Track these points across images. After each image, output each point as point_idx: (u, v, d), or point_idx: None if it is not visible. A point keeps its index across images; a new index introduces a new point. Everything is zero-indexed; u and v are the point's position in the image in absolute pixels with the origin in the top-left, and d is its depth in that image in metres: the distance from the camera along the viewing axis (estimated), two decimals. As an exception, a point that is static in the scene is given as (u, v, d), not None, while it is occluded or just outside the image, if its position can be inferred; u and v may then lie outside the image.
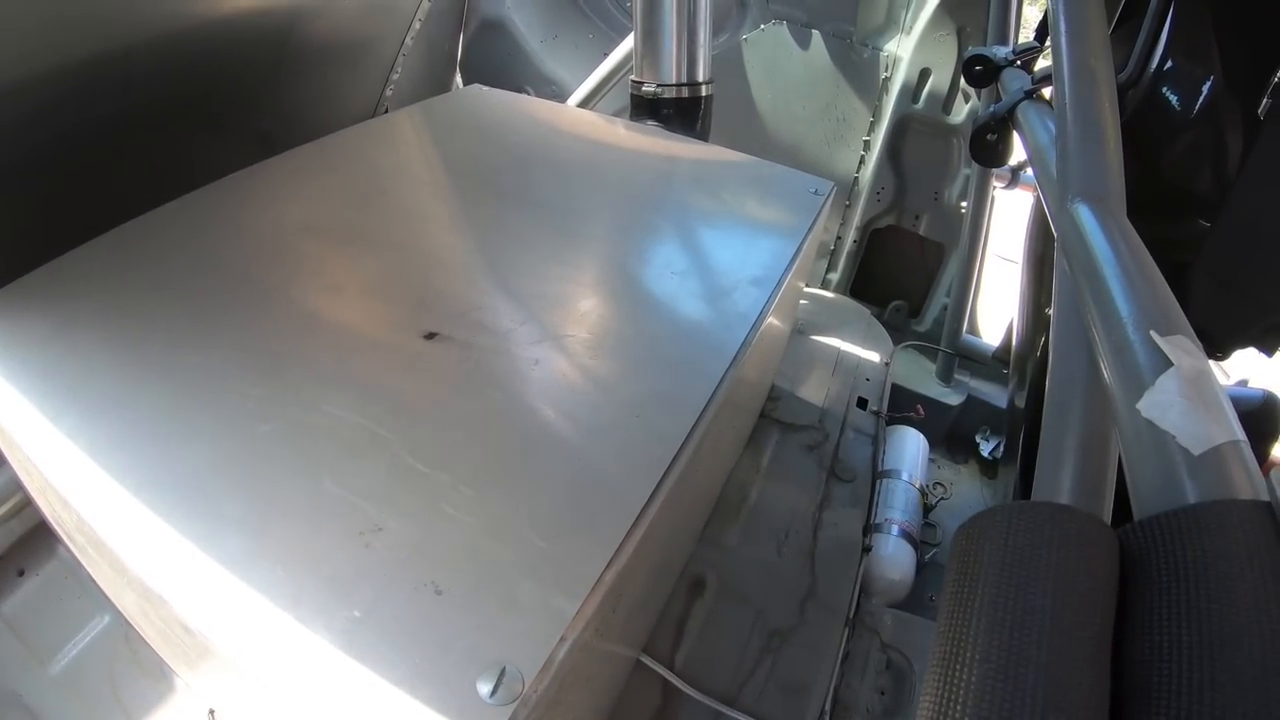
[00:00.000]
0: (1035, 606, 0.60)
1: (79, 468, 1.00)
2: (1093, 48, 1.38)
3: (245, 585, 0.84)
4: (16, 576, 1.76)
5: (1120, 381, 0.79)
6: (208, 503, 0.93)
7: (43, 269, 1.39)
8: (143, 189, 1.75)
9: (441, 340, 1.19)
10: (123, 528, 0.94)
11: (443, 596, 0.83)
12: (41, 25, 1.69)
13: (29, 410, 1.09)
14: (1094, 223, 1.09)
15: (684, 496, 1.13)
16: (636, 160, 1.96)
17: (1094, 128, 1.28)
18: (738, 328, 1.29)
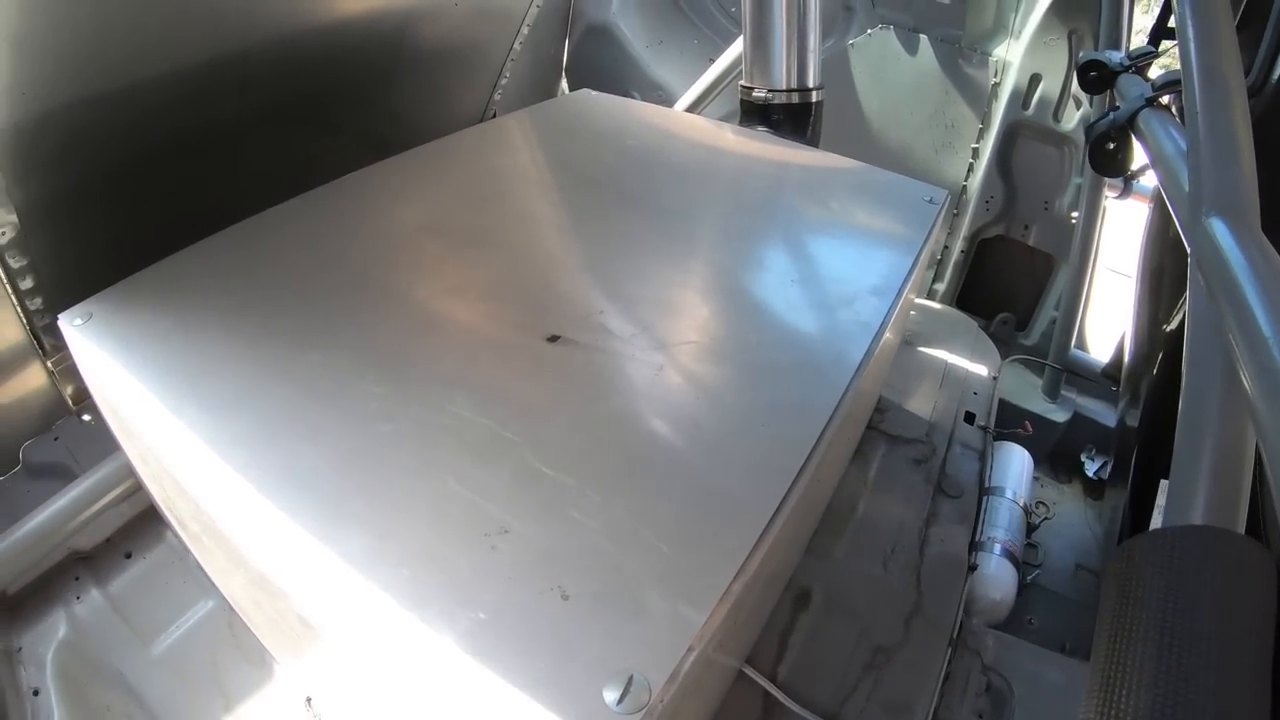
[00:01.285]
0: (1201, 632, 0.59)
1: (201, 460, 1.04)
2: (1223, 54, 1.33)
3: (369, 583, 0.85)
4: (124, 559, 1.85)
5: (1268, 403, 0.75)
6: (331, 500, 0.95)
7: (161, 264, 1.47)
8: (257, 189, 1.83)
9: (565, 343, 1.21)
10: (245, 520, 0.97)
11: (569, 601, 0.83)
12: (161, 26, 1.79)
13: (151, 402, 1.14)
14: (1231, 239, 1.05)
15: (805, 507, 1.11)
16: (749, 166, 1.97)
17: (1228, 139, 1.23)
18: (860, 338, 1.28)
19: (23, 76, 1.58)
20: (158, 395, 1.14)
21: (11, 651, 1.65)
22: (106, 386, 1.25)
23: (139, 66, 1.82)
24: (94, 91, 1.75)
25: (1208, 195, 1.18)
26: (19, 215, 1.78)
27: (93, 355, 1.27)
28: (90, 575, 1.81)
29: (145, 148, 1.97)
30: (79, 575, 1.81)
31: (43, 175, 1.78)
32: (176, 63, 1.89)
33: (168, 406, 1.12)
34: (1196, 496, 0.93)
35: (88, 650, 1.68)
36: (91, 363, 1.28)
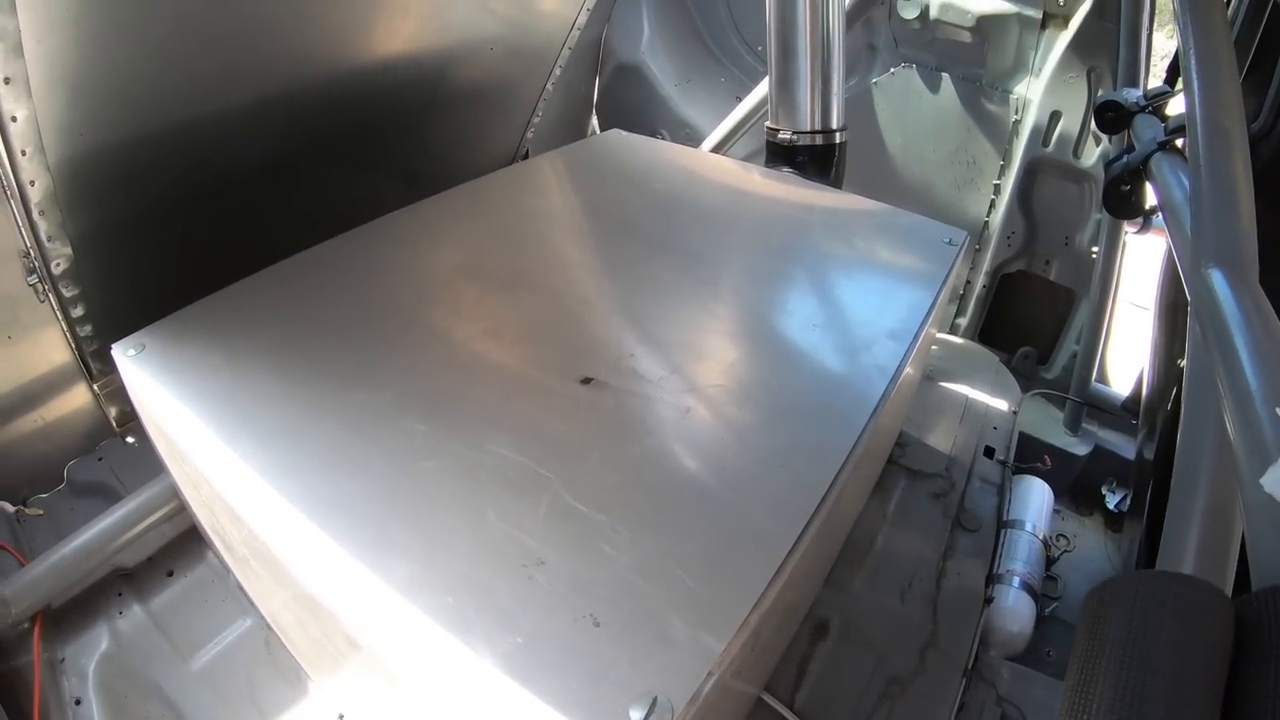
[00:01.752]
0: (1156, 669, 0.64)
1: (255, 488, 1.11)
2: (1226, 107, 1.37)
3: (414, 608, 0.92)
4: (165, 577, 1.92)
5: (1247, 454, 0.82)
6: (378, 530, 1.02)
7: (210, 299, 1.54)
8: (299, 222, 1.92)
9: (597, 385, 1.28)
10: (297, 546, 1.04)
11: (600, 629, 0.89)
12: (211, 70, 1.89)
13: (204, 432, 1.21)
14: (1227, 290, 1.10)
15: (826, 542, 1.17)
16: (774, 209, 2.03)
17: (1229, 192, 1.28)
18: (877, 380, 1.33)
19: (79, 117, 1.67)
20: (211, 426, 1.21)
21: (55, 662, 1.70)
22: (159, 415, 1.32)
23: (189, 107, 1.91)
24: (145, 130, 1.85)
25: (1208, 246, 1.23)
26: (73, 247, 1.87)
27: (146, 385, 1.35)
28: (132, 591, 1.87)
29: (193, 184, 2.06)
30: (121, 591, 1.87)
31: (96, 210, 1.87)
32: (225, 103, 1.98)
33: (221, 437, 1.19)
34: (1188, 541, 0.98)
35: (128, 663, 1.73)
36: (144, 392, 1.36)
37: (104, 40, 1.61)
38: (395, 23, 2.27)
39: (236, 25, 1.86)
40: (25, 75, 1.49)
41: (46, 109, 1.58)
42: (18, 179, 1.68)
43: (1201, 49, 1.44)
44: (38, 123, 1.59)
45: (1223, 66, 1.41)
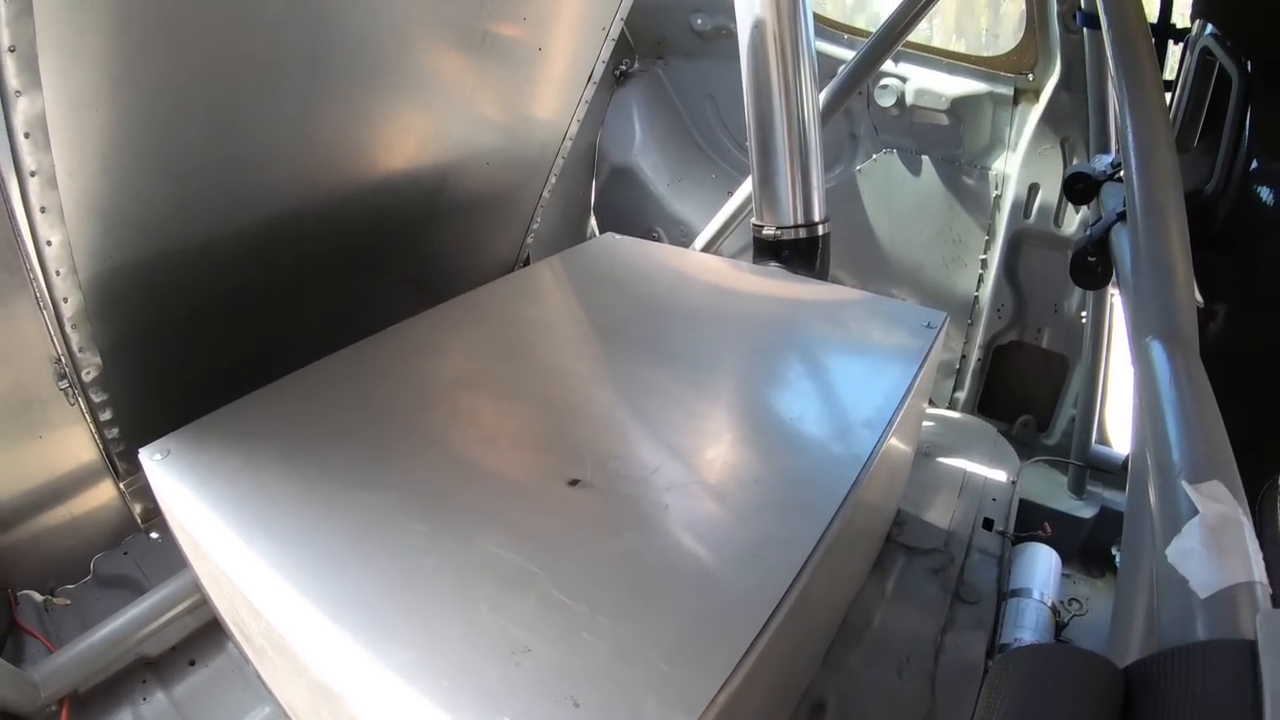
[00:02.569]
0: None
1: (271, 584, 1.21)
2: (1162, 182, 1.47)
3: (414, 692, 1.01)
4: (188, 666, 1.99)
5: (1162, 525, 0.88)
6: (382, 621, 1.12)
7: (229, 407, 1.66)
8: (310, 329, 2.03)
9: (584, 487, 1.38)
10: (310, 637, 1.13)
11: (580, 709, 0.97)
12: (228, 194, 2.03)
13: (225, 532, 1.32)
14: (1164, 362, 1.18)
15: (798, 626, 1.24)
16: (759, 305, 2.14)
17: (1166, 265, 1.37)
18: (848, 470, 1.41)
19: (107, 240, 1.81)
20: (231, 527, 1.32)
21: None
22: (183, 516, 1.43)
23: (207, 228, 2.05)
24: (167, 250, 1.98)
25: (1148, 319, 1.31)
26: (102, 356, 1.99)
27: (171, 487, 1.45)
28: (156, 679, 1.95)
29: (211, 298, 2.19)
30: (146, 679, 1.94)
31: (123, 322, 1.99)
32: (240, 224, 2.12)
33: (240, 537, 1.29)
34: (1137, 608, 1.04)
35: None
36: (169, 494, 1.46)
37: (129, 173, 1.76)
38: (395, 143, 2.43)
39: (249, 154, 2.01)
40: (59, 204, 1.63)
41: (78, 234, 1.72)
42: (52, 296, 1.81)
43: (1139, 126, 1.54)
44: (70, 246, 1.73)
45: (1159, 143, 1.51)
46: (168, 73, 1.69)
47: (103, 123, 1.62)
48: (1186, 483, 0.89)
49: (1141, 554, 1.06)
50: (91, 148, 1.63)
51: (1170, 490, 0.92)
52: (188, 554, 1.64)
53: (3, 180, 1.97)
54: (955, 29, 3.65)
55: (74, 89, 1.51)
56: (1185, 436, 0.99)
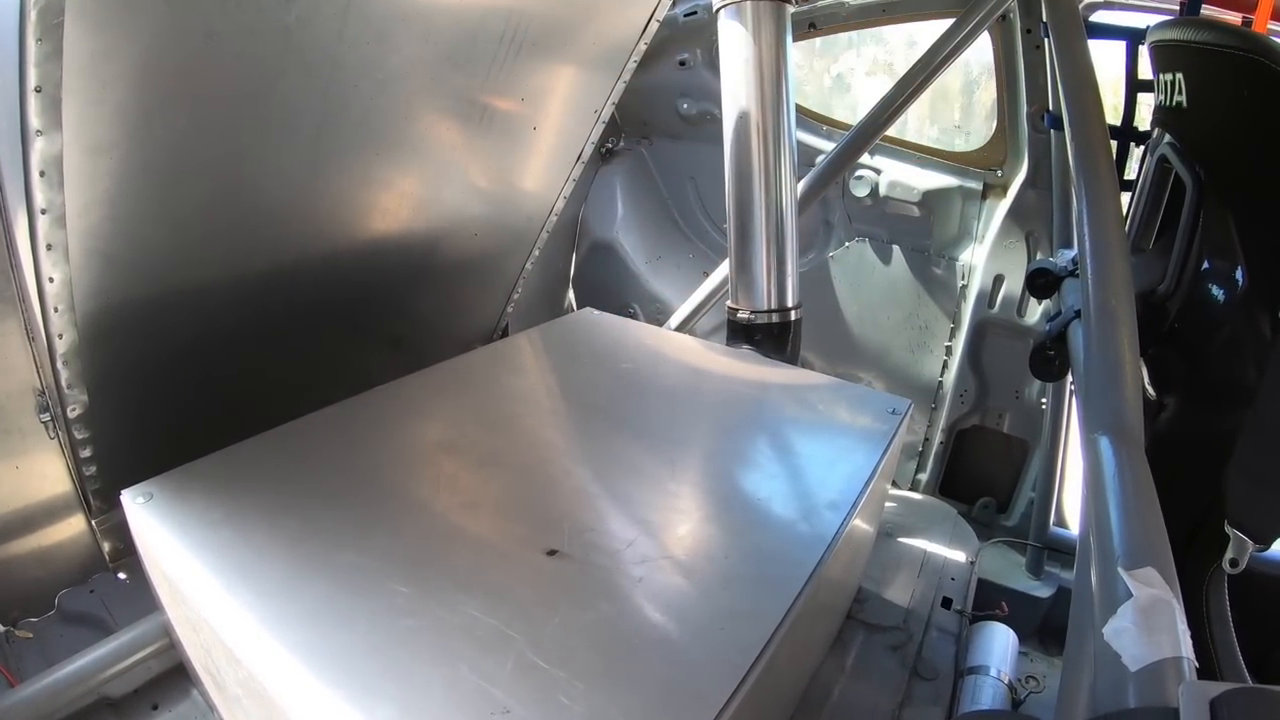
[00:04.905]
0: None
1: (252, 635, 1.25)
2: (1115, 289, 1.57)
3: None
4: (150, 709, 1.99)
5: (1100, 605, 0.97)
6: (364, 677, 1.16)
7: (215, 455, 1.70)
8: (295, 380, 2.06)
9: (561, 557, 1.44)
10: (291, 690, 1.16)
11: (555, 772, 1.01)
12: (227, 243, 2.08)
13: (206, 579, 1.35)
14: (1110, 456, 1.28)
15: (763, 698, 1.29)
16: (731, 388, 2.22)
17: (1115, 366, 1.47)
18: (813, 549, 1.48)
19: (105, 281, 1.85)
20: (213, 575, 1.35)
21: None
22: (163, 560, 1.46)
23: (203, 275, 2.10)
24: (164, 292, 2.02)
25: (1096, 415, 1.41)
26: (89, 394, 2.00)
27: (152, 531, 1.48)
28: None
29: (202, 343, 2.23)
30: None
31: (112, 362, 2.01)
32: (235, 273, 2.17)
33: (223, 586, 1.33)
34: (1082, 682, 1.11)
35: None
36: (150, 538, 1.49)
37: (134, 218, 1.81)
38: (391, 208, 2.51)
39: (251, 210, 2.08)
40: (65, 243, 1.68)
41: (80, 273, 1.76)
42: (48, 331, 1.83)
43: (1095, 234, 1.65)
44: (71, 284, 1.76)
45: (1114, 251, 1.62)
46: (183, 129, 1.75)
47: (115, 169, 1.68)
48: (1123, 569, 0.98)
49: (1085, 632, 1.13)
50: (101, 192, 1.68)
51: (1109, 575, 1.01)
52: (163, 598, 1.66)
53: (6, 214, 2.03)
54: (929, 120, 3.81)
55: (91, 134, 1.57)
56: (1125, 526, 1.09)
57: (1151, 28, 1.98)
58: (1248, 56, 1.53)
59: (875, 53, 3.83)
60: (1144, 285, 1.96)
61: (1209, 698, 0.77)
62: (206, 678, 1.67)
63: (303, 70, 1.86)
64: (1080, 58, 1.89)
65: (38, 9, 1.33)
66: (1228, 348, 1.71)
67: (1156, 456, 1.88)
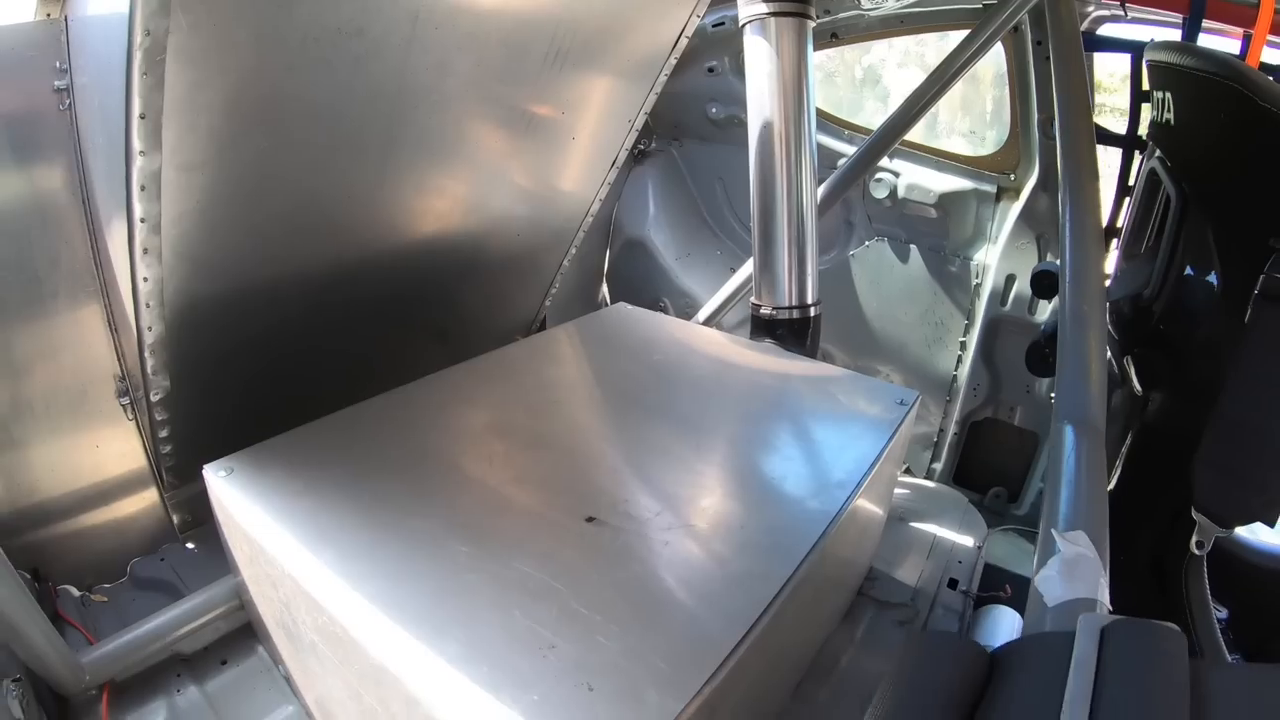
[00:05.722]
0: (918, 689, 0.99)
1: (334, 585, 1.44)
2: (1088, 297, 1.73)
3: (462, 676, 1.24)
4: (219, 664, 2.13)
5: (1039, 560, 1.18)
6: (433, 620, 1.35)
7: (287, 435, 1.87)
8: (352, 370, 2.24)
9: (598, 523, 1.62)
10: (373, 631, 1.35)
11: (594, 692, 1.21)
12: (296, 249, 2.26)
13: (289, 541, 1.54)
14: (1071, 442, 1.46)
15: (770, 646, 1.46)
16: (754, 378, 2.35)
17: (1084, 366, 1.64)
18: (819, 521, 1.64)
19: (191, 281, 2.01)
20: (297, 538, 1.54)
21: None
22: (247, 525, 1.63)
23: (275, 274, 2.27)
24: (239, 291, 2.18)
25: (1065, 406, 1.58)
26: (171, 380, 2.14)
27: (235, 500, 1.66)
28: (190, 674, 2.07)
29: (269, 336, 2.39)
30: (180, 673, 2.06)
31: (192, 352, 2.16)
32: (305, 273, 2.34)
33: (306, 547, 1.51)
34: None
35: None
36: (233, 506, 1.67)
37: (219, 225, 1.97)
38: (445, 211, 2.66)
39: (321, 216, 2.24)
40: (159, 248, 1.83)
41: (170, 273, 1.91)
42: (139, 324, 1.98)
43: (1075, 250, 1.79)
44: (161, 283, 1.91)
45: (1090, 264, 1.76)
46: (264, 148, 1.91)
47: (204, 183, 1.83)
48: (1056, 532, 1.17)
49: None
50: (193, 203, 1.83)
51: (1048, 537, 1.20)
52: (239, 561, 1.83)
53: (96, 221, 2.22)
54: (947, 128, 3.90)
55: (186, 154, 1.72)
56: (1072, 500, 1.27)
57: (1148, 46, 2.09)
58: (1226, 84, 1.65)
59: (907, 44, 3.87)
60: (1133, 289, 2.08)
61: (1100, 626, 0.95)
62: (279, 632, 1.82)
63: (370, 96, 2.01)
64: (1076, 80, 1.99)
65: (143, 49, 1.48)
66: (1204, 348, 1.82)
67: (1143, 447, 2.04)
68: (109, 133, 1.85)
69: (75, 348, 2.38)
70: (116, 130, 1.66)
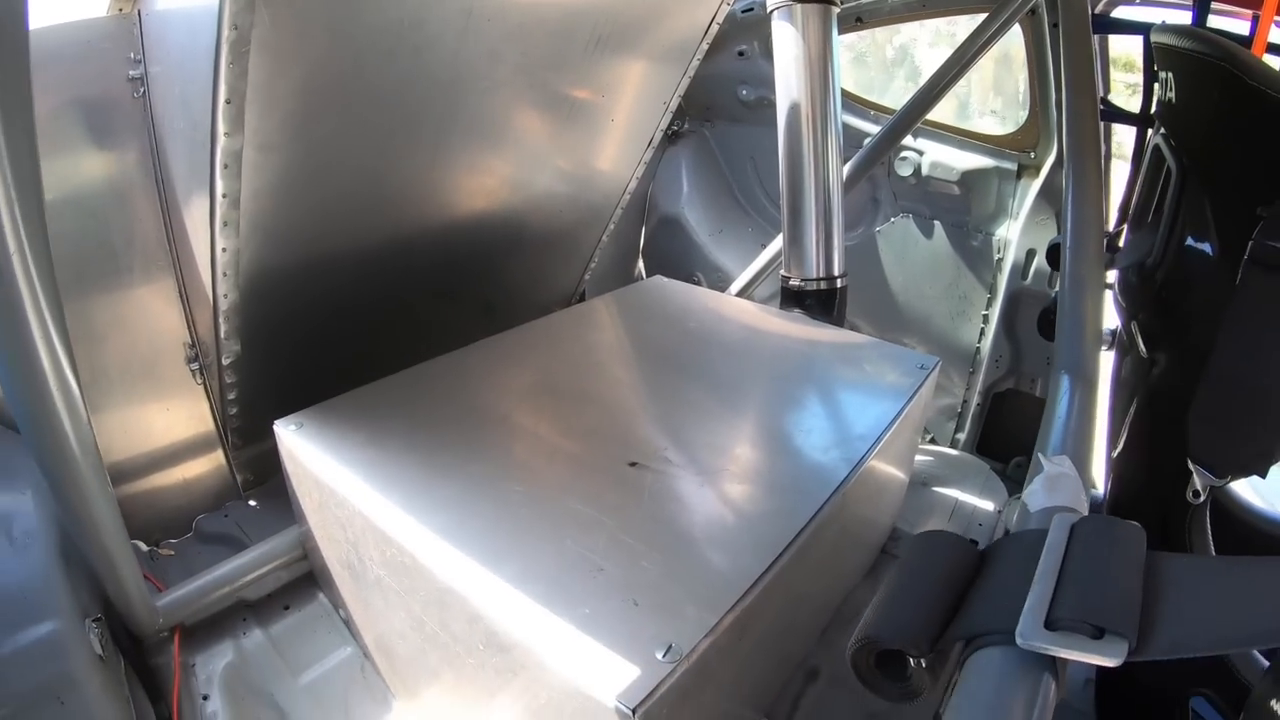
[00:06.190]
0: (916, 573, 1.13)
1: (402, 520, 1.60)
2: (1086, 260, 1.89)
3: (520, 594, 1.40)
4: (283, 610, 2.27)
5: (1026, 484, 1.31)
6: (494, 548, 1.51)
7: (349, 394, 2.02)
8: (404, 338, 2.38)
9: (640, 468, 1.78)
10: (436, 558, 1.52)
11: (639, 607, 1.38)
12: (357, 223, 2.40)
13: (360, 485, 1.70)
14: (1066, 389, 1.61)
15: (795, 578, 1.61)
16: (783, 344, 2.47)
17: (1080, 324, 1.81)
18: (841, 469, 1.78)
19: (264, 252, 2.16)
20: (365, 481, 1.70)
21: (188, 665, 2.03)
22: (318, 473, 1.79)
23: (337, 247, 2.42)
24: (305, 261, 2.34)
25: (1064, 358, 1.72)
26: (241, 344, 2.32)
27: (305, 451, 1.82)
28: (254, 618, 2.20)
29: (329, 304, 2.54)
30: (245, 617, 2.19)
31: (261, 319, 2.33)
32: (363, 246, 2.49)
33: (375, 489, 1.67)
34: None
35: (248, 674, 2.07)
36: (304, 457, 1.83)
37: (292, 201, 2.12)
38: (492, 189, 2.79)
39: (381, 194, 2.40)
40: (237, 221, 1.99)
41: (245, 244, 2.07)
42: (215, 292, 2.15)
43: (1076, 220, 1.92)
44: (238, 254, 2.08)
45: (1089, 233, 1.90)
46: (332, 131, 2.06)
47: (280, 162, 1.97)
48: (1041, 455, 1.32)
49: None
50: (268, 180, 1.97)
51: (1038, 463, 1.34)
52: (307, 509, 1.98)
53: (172, 199, 2.37)
54: (979, 110, 3.97)
55: (264, 136, 1.86)
56: (1062, 434, 1.41)
57: (1154, 28, 2.18)
58: (1219, 64, 1.73)
59: (938, 24, 3.91)
60: (1137, 257, 2.17)
61: (1071, 522, 1.09)
62: (343, 573, 1.97)
63: (426, 84, 2.15)
64: (1082, 59, 2.07)
65: (230, 41, 1.63)
66: (1201, 312, 1.90)
67: (1151, 408, 2.15)
68: (191, 117, 2.00)
69: (148, 317, 2.53)
70: (199, 114, 1.83)
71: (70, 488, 1.57)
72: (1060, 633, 0.90)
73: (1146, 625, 0.89)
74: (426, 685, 1.85)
